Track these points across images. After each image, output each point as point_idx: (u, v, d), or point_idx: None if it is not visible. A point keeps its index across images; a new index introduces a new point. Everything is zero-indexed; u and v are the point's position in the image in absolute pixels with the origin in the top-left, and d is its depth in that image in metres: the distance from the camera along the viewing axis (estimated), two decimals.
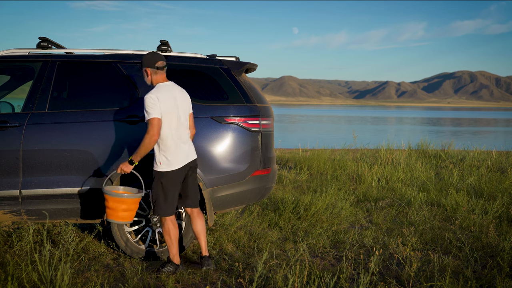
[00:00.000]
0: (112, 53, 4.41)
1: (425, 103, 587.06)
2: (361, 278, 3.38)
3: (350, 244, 4.66)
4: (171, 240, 3.78)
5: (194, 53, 4.49)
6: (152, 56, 3.70)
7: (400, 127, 40.34)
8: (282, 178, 8.21)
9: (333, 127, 37.49)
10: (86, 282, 3.56)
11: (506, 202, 6.24)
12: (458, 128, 39.51)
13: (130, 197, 3.75)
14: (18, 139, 4.01)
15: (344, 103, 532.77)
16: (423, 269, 3.95)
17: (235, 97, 4.27)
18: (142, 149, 3.58)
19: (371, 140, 13.19)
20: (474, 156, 10.48)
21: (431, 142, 12.38)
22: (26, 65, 4.41)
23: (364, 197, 6.88)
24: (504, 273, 3.85)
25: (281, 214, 5.52)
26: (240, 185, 4.23)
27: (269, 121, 4.45)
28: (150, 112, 3.56)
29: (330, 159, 9.86)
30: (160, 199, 3.70)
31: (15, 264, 3.76)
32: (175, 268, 3.79)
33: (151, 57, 3.70)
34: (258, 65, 4.73)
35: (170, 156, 3.66)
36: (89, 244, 4.36)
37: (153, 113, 3.56)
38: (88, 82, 4.34)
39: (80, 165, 4.05)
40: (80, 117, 4.12)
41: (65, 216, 4.12)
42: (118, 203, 3.71)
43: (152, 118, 3.56)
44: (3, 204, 4.01)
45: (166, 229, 3.75)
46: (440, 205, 6.31)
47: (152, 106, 3.56)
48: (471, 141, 15.58)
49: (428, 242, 4.78)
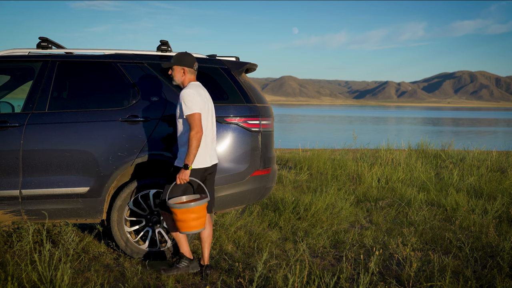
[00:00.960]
0: (112, 53, 4.41)
1: (425, 103, 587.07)
2: (361, 278, 3.38)
3: (350, 244, 4.66)
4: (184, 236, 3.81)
5: (194, 53, 4.48)
6: (191, 57, 3.73)
7: (400, 127, 40.34)
8: (282, 178, 8.21)
9: (333, 127, 37.49)
10: (86, 282, 3.56)
11: (506, 202, 6.24)
12: (458, 128, 39.51)
13: (198, 204, 3.54)
14: (18, 139, 4.01)
15: (344, 103, 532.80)
16: (423, 269, 3.95)
17: (235, 97, 4.27)
18: (194, 148, 3.49)
19: (371, 140, 13.19)
20: (474, 156, 10.49)
21: (431, 142, 12.38)
22: (26, 65, 4.41)
23: (364, 197, 6.88)
24: (504, 273, 3.86)
25: (281, 214, 5.52)
26: (240, 185, 4.23)
27: (269, 121, 4.45)
28: (191, 107, 3.52)
29: (330, 159, 9.86)
30: (175, 196, 3.67)
31: (15, 264, 3.76)
32: (190, 261, 3.80)
33: (190, 58, 3.73)
34: (258, 65, 4.73)
35: (202, 154, 3.66)
36: (89, 244, 4.36)
37: (194, 108, 3.52)
38: (88, 82, 4.34)
39: (80, 165, 4.04)
40: (80, 117, 4.12)
41: (65, 216, 4.12)
42: (188, 213, 3.53)
43: (194, 113, 3.51)
44: (3, 204, 4.01)
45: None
46: (440, 205, 6.31)
47: (192, 100, 3.53)
48: (471, 141, 15.59)
49: (428, 242, 4.78)
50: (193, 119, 3.51)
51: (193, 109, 3.52)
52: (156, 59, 4.36)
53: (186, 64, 3.70)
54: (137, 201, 4.15)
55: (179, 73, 3.73)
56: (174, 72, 3.73)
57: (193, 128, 3.50)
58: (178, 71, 3.72)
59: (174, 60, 3.72)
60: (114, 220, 4.11)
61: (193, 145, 3.49)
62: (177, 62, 3.71)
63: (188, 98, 3.54)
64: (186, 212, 3.52)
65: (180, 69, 3.71)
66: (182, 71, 3.71)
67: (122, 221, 4.12)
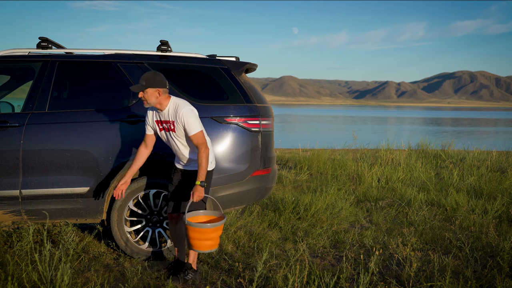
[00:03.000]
0: (112, 53, 4.41)
1: (425, 103, 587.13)
2: (361, 278, 3.38)
3: (350, 244, 4.66)
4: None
5: (194, 53, 4.49)
6: (162, 77, 3.55)
7: (400, 127, 40.34)
8: (282, 178, 8.21)
9: (333, 127, 37.49)
10: (86, 282, 3.56)
11: (506, 202, 6.24)
12: (458, 128, 39.50)
13: (214, 226, 3.42)
14: (18, 139, 4.01)
15: (344, 103, 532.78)
16: (423, 269, 3.95)
17: (235, 97, 4.27)
18: (206, 165, 3.48)
19: (371, 140, 13.19)
20: (474, 156, 10.49)
21: (431, 142, 12.39)
22: (26, 65, 4.41)
23: (364, 197, 6.88)
24: (504, 273, 3.85)
25: (281, 214, 5.52)
26: (240, 185, 4.23)
27: (269, 121, 4.45)
28: (197, 124, 3.49)
29: (330, 159, 9.86)
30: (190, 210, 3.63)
31: (15, 264, 3.76)
32: (194, 273, 3.71)
33: (161, 77, 3.55)
34: (258, 65, 4.74)
35: (211, 156, 3.68)
36: (89, 244, 4.36)
37: (200, 126, 3.51)
38: (88, 82, 4.34)
39: (80, 165, 4.04)
40: (80, 117, 4.12)
41: (65, 216, 4.12)
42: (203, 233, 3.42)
43: (201, 130, 3.50)
44: (3, 204, 4.01)
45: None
46: (440, 205, 6.31)
47: (197, 118, 3.51)
48: (471, 141, 15.60)
49: (428, 242, 4.78)
50: (199, 137, 3.49)
51: (199, 126, 3.50)
52: (156, 59, 4.36)
53: (160, 85, 3.52)
54: (137, 201, 4.15)
55: (153, 95, 3.52)
56: (147, 95, 3.52)
57: (201, 147, 3.48)
58: (151, 94, 3.51)
59: (146, 83, 3.50)
60: (114, 220, 4.11)
61: (206, 162, 3.48)
62: (151, 85, 3.50)
63: (191, 115, 3.49)
64: (201, 232, 3.42)
65: (154, 91, 3.52)
66: (157, 92, 3.53)
67: (122, 221, 4.12)
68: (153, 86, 3.51)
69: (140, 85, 3.52)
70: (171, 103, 3.59)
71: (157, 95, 3.54)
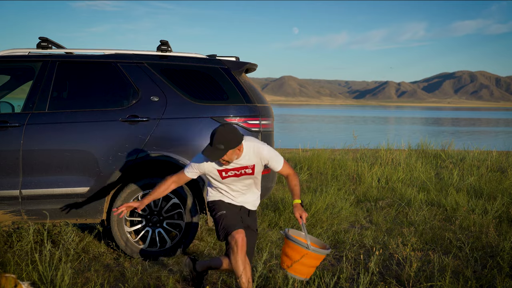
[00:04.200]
0: (112, 53, 4.41)
1: (425, 103, 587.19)
2: (361, 278, 3.38)
3: (350, 244, 4.66)
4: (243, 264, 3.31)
5: (194, 53, 4.48)
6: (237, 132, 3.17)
7: (400, 127, 40.33)
8: (282, 178, 8.20)
9: (333, 127, 37.49)
10: (86, 282, 3.56)
11: (506, 202, 6.23)
12: (458, 128, 39.50)
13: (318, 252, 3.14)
14: (18, 139, 4.01)
15: (344, 103, 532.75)
16: (423, 269, 3.95)
17: (235, 97, 4.27)
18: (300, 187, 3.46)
19: (371, 140, 13.19)
20: (474, 156, 10.49)
21: (431, 142, 12.39)
22: (26, 65, 4.41)
23: (364, 197, 6.88)
24: (504, 273, 3.85)
25: (281, 214, 5.52)
26: None
27: (269, 121, 4.45)
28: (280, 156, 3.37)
29: (330, 159, 9.86)
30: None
31: (15, 264, 3.76)
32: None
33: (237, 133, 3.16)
34: (258, 65, 4.73)
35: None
36: (89, 244, 4.36)
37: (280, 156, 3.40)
38: (88, 82, 4.34)
39: (80, 165, 4.04)
40: (80, 117, 4.12)
41: (65, 216, 4.12)
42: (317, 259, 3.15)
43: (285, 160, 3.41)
44: (3, 204, 4.01)
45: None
46: (440, 205, 6.31)
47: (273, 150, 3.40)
48: (471, 141, 15.59)
49: (428, 242, 4.78)
50: (287, 166, 3.40)
51: (281, 158, 3.38)
52: (156, 59, 4.35)
53: (238, 143, 3.14)
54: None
55: (234, 153, 3.17)
56: (227, 157, 3.14)
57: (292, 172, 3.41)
58: (231, 153, 3.15)
59: (225, 146, 3.09)
60: (114, 220, 4.11)
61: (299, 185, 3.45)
62: (230, 147, 3.11)
63: (272, 152, 3.33)
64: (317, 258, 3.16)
65: (235, 150, 3.17)
66: (237, 149, 3.18)
67: (122, 221, 4.12)
68: (233, 147, 3.13)
69: (220, 151, 3.10)
70: (245, 149, 3.25)
71: (238, 151, 3.20)
